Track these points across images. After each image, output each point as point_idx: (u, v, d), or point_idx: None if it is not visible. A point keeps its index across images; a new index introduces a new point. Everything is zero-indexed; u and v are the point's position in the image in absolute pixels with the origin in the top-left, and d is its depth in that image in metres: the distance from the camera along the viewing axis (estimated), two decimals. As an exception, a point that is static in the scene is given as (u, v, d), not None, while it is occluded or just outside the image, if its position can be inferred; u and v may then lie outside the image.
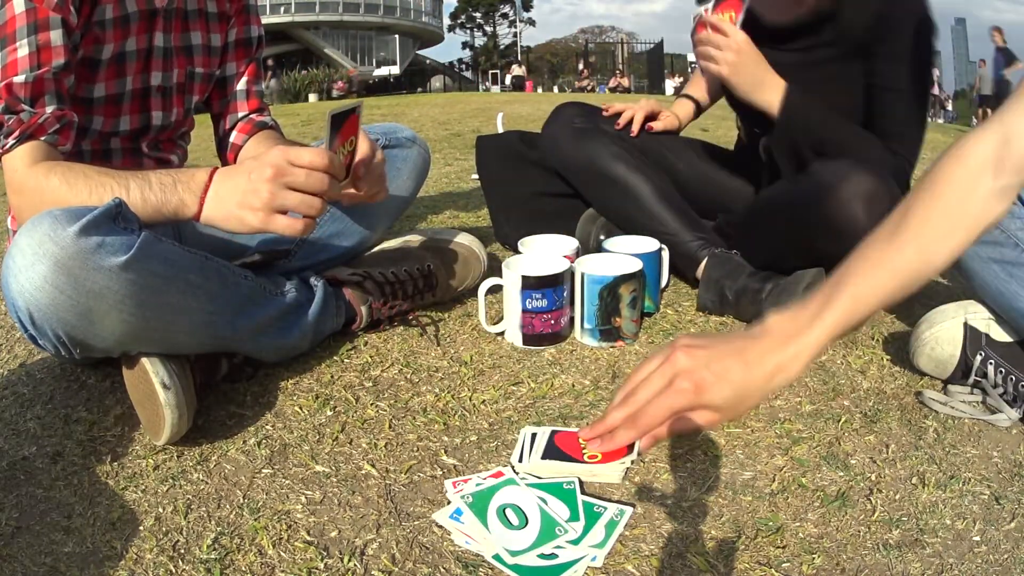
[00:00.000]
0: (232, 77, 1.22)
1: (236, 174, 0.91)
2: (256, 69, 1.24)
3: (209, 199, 0.91)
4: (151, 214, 0.90)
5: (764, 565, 0.69)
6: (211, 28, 1.16)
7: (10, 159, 0.92)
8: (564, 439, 0.87)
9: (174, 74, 1.11)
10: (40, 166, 0.91)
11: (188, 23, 1.12)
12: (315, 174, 0.89)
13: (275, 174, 0.88)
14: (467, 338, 1.20)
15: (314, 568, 0.70)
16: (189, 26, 1.12)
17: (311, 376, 1.07)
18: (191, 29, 1.13)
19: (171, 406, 0.84)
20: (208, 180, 0.91)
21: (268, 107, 1.27)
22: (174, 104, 1.13)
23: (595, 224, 1.42)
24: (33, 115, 0.91)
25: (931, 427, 0.93)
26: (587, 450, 0.84)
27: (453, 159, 3.26)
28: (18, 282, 0.78)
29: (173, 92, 1.12)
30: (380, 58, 30.09)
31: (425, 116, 5.57)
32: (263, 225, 0.89)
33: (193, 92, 1.17)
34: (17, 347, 1.19)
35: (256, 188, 0.88)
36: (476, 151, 1.64)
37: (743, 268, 1.23)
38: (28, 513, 0.78)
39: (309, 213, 0.90)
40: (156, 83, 1.09)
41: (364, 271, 1.18)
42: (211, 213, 0.91)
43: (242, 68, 1.22)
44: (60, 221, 0.77)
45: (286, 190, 0.89)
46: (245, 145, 1.22)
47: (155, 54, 1.07)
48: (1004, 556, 0.70)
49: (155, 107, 1.10)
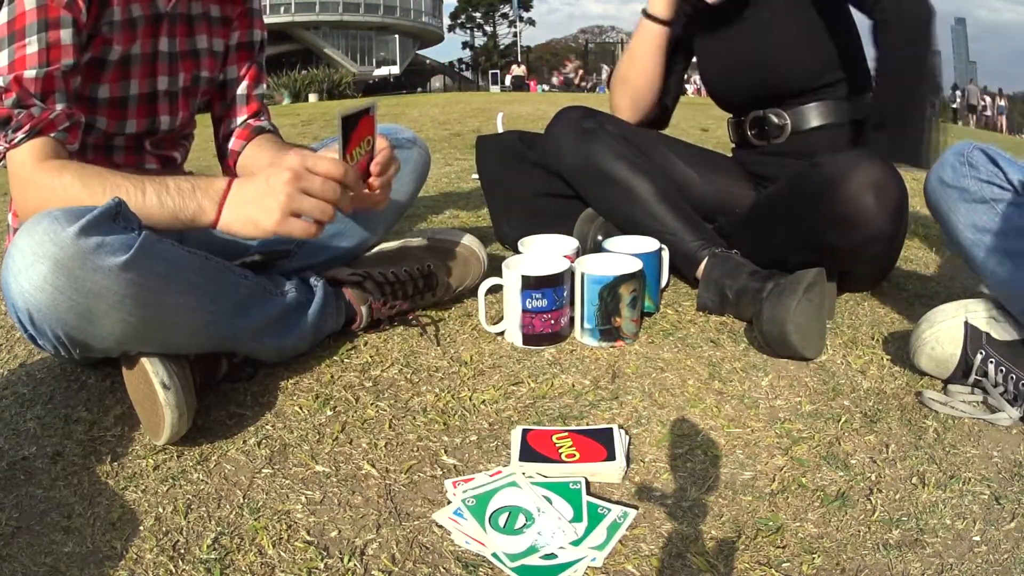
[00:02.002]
0: (233, 81, 1.22)
1: (254, 180, 0.92)
2: (257, 72, 1.24)
3: (227, 205, 0.91)
4: (167, 219, 0.90)
5: (764, 565, 0.69)
6: (214, 32, 1.16)
7: (17, 154, 0.91)
8: (537, 438, 0.88)
9: (180, 78, 1.12)
10: (51, 163, 0.91)
11: (193, 27, 1.12)
12: (330, 182, 0.90)
13: (292, 177, 0.89)
14: (467, 338, 1.20)
15: (314, 568, 0.70)
16: (194, 30, 1.12)
17: (311, 376, 1.07)
18: (196, 33, 1.13)
19: (171, 406, 0.84)
20: (227, 188, 0.92)
21: (267, 109, 1.27)
22: (180, 108, 1.14)
23: (593, 224, 1.42)
24: (44, 110, 0.91)
25: (931, 427, 0.93)
26: (563, 449, 0.85)
27: (453, 159, 3.26)
28: (17, 283, 0.78)
29: (179, 96, 1.13)
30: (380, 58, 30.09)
31: (425, 116, 5.58)
32: (277, 227, 0.89)
33: (198, 95, 1.17)
34: (17, 347, 1.19)
35: (273, 190, 0.89)
36: (476, 151, 1.64)
37: (743, 267, 1.23)
38: (28, 513, 0.78)
39: (322, 219, 0.91)
40: (163, 88, 1.09)
41: (364, 271, 1.18)
42: (228, 219, 0.91)
43: (243, 71, 1.22)
44: (59, 221, 0.77)
45: (302, 194, 0.89)
46: (243, 151, 1.22)
47: (160, 59, 1.07)
48: (1004, 556, 0.70)
49: (162, 111, 1.11)
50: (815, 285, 1.10)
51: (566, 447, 0.85)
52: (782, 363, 1.10)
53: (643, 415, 0.96)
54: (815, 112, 1.37)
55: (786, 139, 1.40)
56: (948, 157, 1.04)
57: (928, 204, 1.08)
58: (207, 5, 1.13)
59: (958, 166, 1.02)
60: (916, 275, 1.53)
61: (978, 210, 1.00)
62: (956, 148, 1.04)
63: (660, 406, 0.98)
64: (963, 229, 1.01)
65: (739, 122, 1.48)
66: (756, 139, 1.45)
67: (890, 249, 1.30)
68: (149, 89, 1.08)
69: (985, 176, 1.00)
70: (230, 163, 1.24)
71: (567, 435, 0.88)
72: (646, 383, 1.04)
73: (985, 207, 0.99)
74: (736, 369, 1.08)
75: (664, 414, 0.96)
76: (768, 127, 1.41)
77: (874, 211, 1.09)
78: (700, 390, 1.02)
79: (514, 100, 8.10)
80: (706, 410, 0.97)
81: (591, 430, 0.89)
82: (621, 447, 0.85)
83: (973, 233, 1.00)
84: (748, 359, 1.12)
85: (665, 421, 0.94)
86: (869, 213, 1.09)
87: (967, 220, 1.01)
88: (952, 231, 1.03)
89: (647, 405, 0.98)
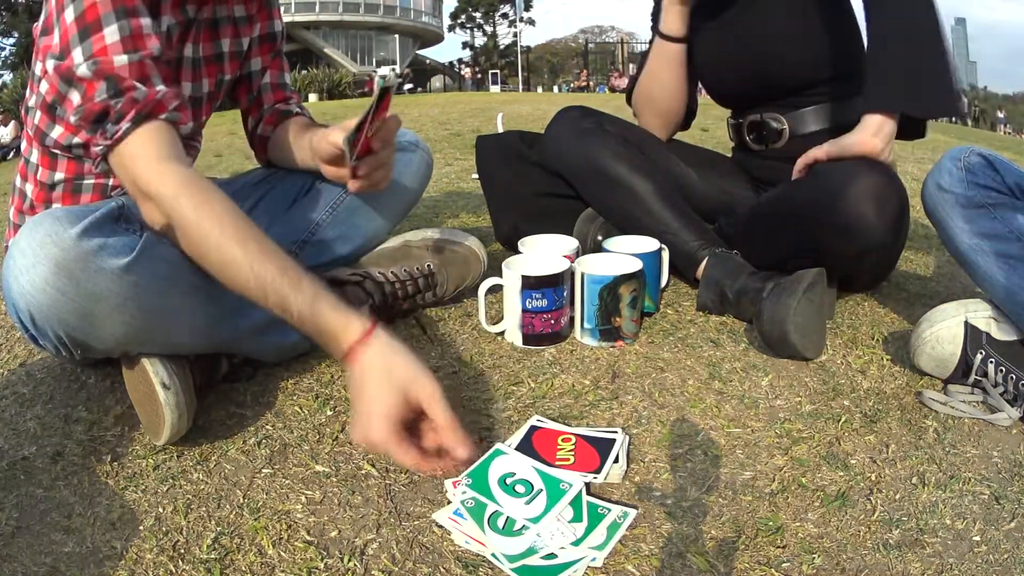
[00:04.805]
0: (258, 72, 1.22)
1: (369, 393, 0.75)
2: (280, 62, 1.24)
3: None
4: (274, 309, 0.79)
5: (764, 565, 0.69)
6: (240, 32, 1.15)
7: (127, 148, 0.82)
8: (542, 436, 0.88)
9: (204, 83, 1.10)
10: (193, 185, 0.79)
11: (218, 31, 1.11)
12: None
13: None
14: (467, 338, 1.20)
15: (314, 568, 0.70)
16: (219, 34, 1.11)
17: (311, 376, 1.07)
18: (220, 37, 1.11)
19: (171, 406, 0.84)
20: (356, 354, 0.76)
21: (296, 94, 1.27)
22: (203, 113, 1.13)
23: (593, 224, 1.42)
24: (149, 92, 0.83)
25: (931, 427, 0.93)
26: (561, 452, 0.85)
27: (453, 159, 3.26)
28: (19, 283, 0.78)
29: (204, 101, 1.12)
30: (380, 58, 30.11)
31: (425, 116, 5.58)
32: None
33: (219, 98, 1.17)
34: (17, 347, 1.19)
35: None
36: (476, 151, 1.63)
37: (743, 268, 1.23)
38: (28, 513, 0.78)
39: None
40: (187, 94, 1.07)
41: (364, 271, 1.18)
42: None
43: (267, 63, 1.22)
44: (62, 222, 0.77)
45: None
46: (272, 136, 1.22)
47: (184, 64, 1.06)
48: (1004, 556, 0.70)
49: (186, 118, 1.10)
50: (815, 285, 1.10)
51: (565, 450, 0.85)
52: (782, 363, 1.10)
53: (643, 415, 0.96)
54: (813, 116, 1.36)
55: (785, 143, 1.39)
56: (945, 162, 1.04)
57: (925, 209, 1.07)
58: (231, 7, 1.12)
59: (955, 171, 1.02)
60: (916, 275, 1.53)
61: (975, 215, 0.99)
62: (953, 153, 1.04)
63: (660, 406, 0.98)
64: (960, 234, 1.01)
65: (738, 125, 1.48)
66: (755, 143, 1.44)
67: (890, 255, 1.30)
68: None
69: (982, 181, 0.99)
70: (260, 150, 1.24)
71: (572, 438, 0.88)
72: (646, 383, 1.04)
73: (982, 212, 0.99)
74: (736, 369, 1.08)
75: (664, 414, 0.96)
76: (766, 132, 1.41)
77: (874, 220, 1.08)
78: (700, 390, 1.03)
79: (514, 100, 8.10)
80: (706, 410, 0.97)
81: (596, 437, 0.88)
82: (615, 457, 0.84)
83: (970, 238, 1.00)
84: (748, 359, 1.12)
85: (665, 421, 0.94)
86: (869, 222, 1.08)
87: (964, 225, 1.00)
88: (949, 236, 1.03)
89: (647, 405, 0.98)
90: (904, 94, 1.12)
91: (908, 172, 2.69)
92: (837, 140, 1.17)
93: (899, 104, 1.13)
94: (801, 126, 1.37)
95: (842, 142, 1.16)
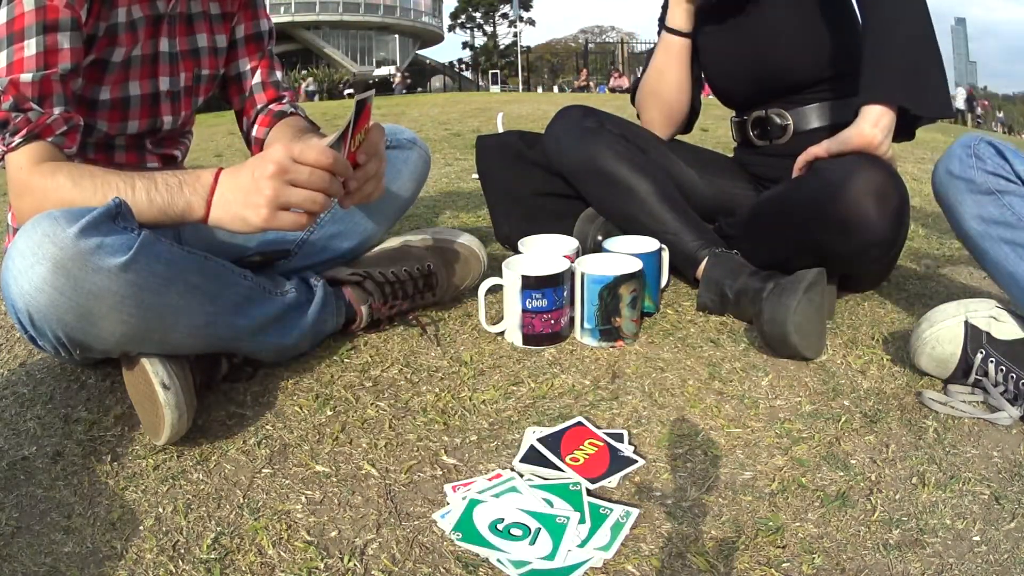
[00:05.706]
0: (247, 72, 1.22)
1: (240, 173, 0.90)
2: (269, 61, 1.25)
3: (216, 201, 0.90)
4: (156, 215, 0.89)
5: (764, 565, 0.69)
6: (215, 29, 1.16)
7: (15, 157, 0.91)
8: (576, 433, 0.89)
9: (181, 78, 1.12)
10: (45, 165, 0.90)
11: (192, 26, 1.12)
12: (318, 171, 0.89)
13: (277, 171, 0.87)
14: (467, 338, 1.20)
15: (314, 568, 0.70)
16: (194, 29, 1.12)
17: (311, 376, 1.07)
18: (196, 32, 1.13)
19: (171, 406, 0.84)
20: (214, 182, 0.91)
21: (289, 92, 1.27)
22: (183, 108, 1.14)
23: (593, 224, 1.42)
24: (42, 115, 0.91)
25: (931, 427, 0.93)
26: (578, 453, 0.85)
27: (453, 159, 3.26)
28: (17, 284, 0.78)
29: (182, 96, 1.13)
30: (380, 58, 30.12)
31: (425, 116, 5.58)
32: (266, 223, 0.88)
33: (199, 94, 1.17)
34: (17, 347, 1.19)
35: (259, 186, 0.87)
36: (476, 151, 1.63)
37: (744, 268, 1.23)
38: (28, 513, 0.78)
39: (312, 210, 0.90)
40: (165, 88, 1.09)
41: (364, 271, 1.18)
42: (218, 216, 0.91)
43: (255, 63, 1.23)
44: (59, 222, 0.77)
45: (289, 186, 0.88)
46: (267, 137, 1.22)
47: (161, 59, 1.08)
48: (1004, 556, 0.70)
49: (165, 112, 1.11)
50: (815, 285, 1.10)
51: (584, 452, 0.85)
52: (782, 363, 1.10)
53: (643, 415, 0.96)
54: (817, 113, 1.37)
55: (788, 139, 1.40)
56: (955, 149, 1.05)
57: (935, 195, 1.08)
58: (206, 3, 1.13)
59: (965, 158, 1.03)
60: (916, 275, 1.53)
61: (984, 201, 1.00)
62: (963, 140, 1.05)
63: (660, 406, 0.98)
64: (969, 220, 1.02)
65: (742, 121, 1.48)
66: (758, 139, 1.45)
67: (890, 253, 1.30)
68: (151, 90, 1.08)
69: (992, 168, 1.00)
70: (255, 150, 1.25)
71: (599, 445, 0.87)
72: (646, 383, 1.04)
73: (991, 199, 1.00)
74: (736, 369, 1.08)
75: (664, 414, 0.96)
76: (771, 127, 1.41)
77: (875, 217, 1.09)
78: (700, 390, 1.02)
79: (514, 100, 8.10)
80: (706, 410, 0.97)
81: (620, 455, 0.86)
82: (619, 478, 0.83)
83: (979, 224, 1.01)
84: (748, 359, 1.12)
85: (665, 421, 0.94)
86: (870, 219, 1.08)
87: (973, 211, 1.01)
88: (958, 222, 1.04)
89: (647, 405, 0.98)
90: (902, 87, 1.13)
91: (908, 172, 2.69)
92: (836, 136, 1.18)
93: (898, 96, 1.14)
94: (805, 122, 1.38)
95: (841, 136, 1.17)
